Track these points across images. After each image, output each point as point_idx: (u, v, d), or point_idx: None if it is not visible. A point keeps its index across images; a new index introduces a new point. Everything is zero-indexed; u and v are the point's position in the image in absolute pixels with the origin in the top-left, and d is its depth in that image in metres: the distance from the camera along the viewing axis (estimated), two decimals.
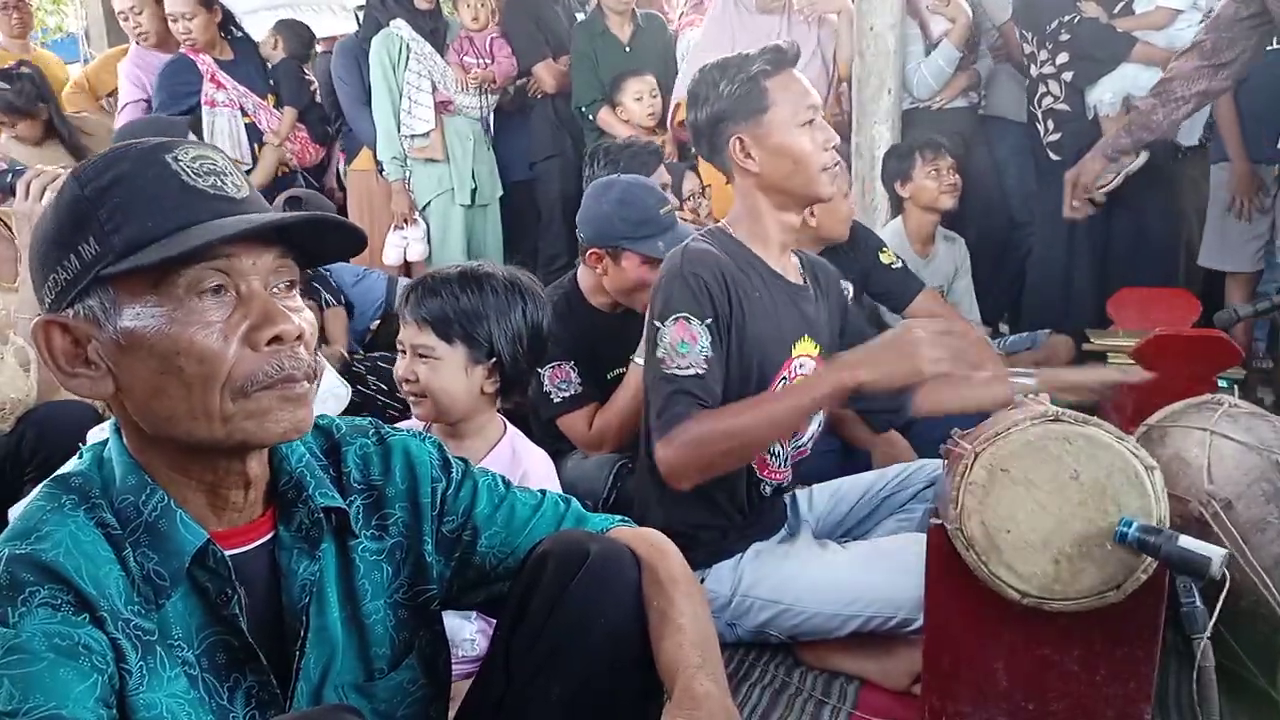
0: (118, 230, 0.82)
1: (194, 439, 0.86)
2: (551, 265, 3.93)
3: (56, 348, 0.86)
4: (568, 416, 2.23)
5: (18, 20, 4.22)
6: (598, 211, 2.19)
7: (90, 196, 0.84)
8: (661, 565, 1.04)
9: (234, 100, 3.63)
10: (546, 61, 3.86)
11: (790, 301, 1.80)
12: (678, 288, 1.66)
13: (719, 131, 1.74)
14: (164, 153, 0.86)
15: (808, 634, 1.77)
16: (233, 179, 0.88)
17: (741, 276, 1.71)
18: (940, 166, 3.10)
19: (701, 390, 1.62)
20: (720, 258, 1.70)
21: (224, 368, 0.84)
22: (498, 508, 1.10)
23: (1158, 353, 2.15)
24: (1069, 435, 1.33)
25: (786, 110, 1.71)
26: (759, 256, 1.78)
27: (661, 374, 1.64)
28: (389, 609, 1.04)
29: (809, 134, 1.71)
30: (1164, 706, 1.64)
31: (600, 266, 2.21)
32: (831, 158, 1.74)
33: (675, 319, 1.64)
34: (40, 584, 0.81)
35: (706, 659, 0.94)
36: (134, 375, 0.85)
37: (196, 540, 0.88)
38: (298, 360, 0.88)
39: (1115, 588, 1.31)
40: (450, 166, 3.81)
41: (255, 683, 0.93)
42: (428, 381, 1.65)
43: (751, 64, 1.72)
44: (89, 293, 0.84)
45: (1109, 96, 3.31)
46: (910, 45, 3.49)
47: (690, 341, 1.63)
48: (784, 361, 1.77)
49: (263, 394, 0.86)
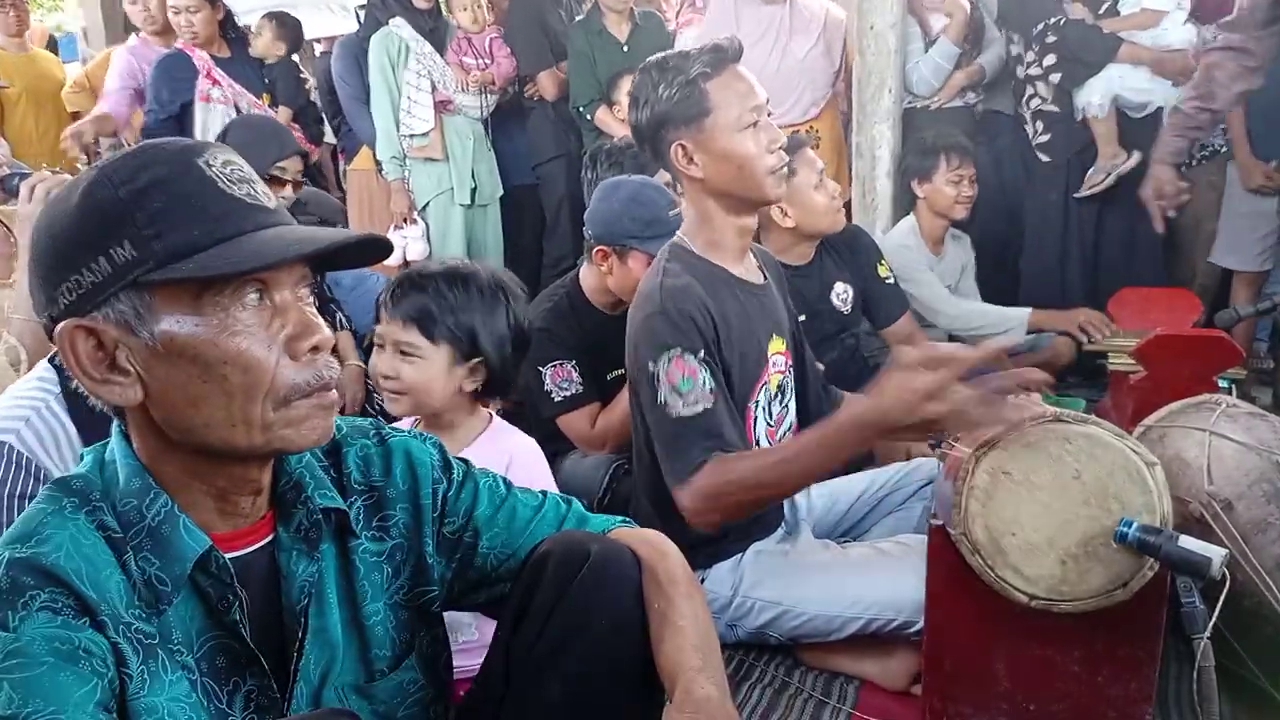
0: (159, 236, 0.81)
1: (228, 446, 0.86)
2: (557, 266, 3.92)
3: (82, 353, 0.84)
4: (568, 416, 2.23)
5: (15, 19, 4.22)
6: (608, 209, 2.19)
7: (125, 198, 0.82)
8: (662, 566, 1.04)
9: (229, 98, 3.62)
10: (550, 70, 3.86)
11: (759, 305, 1.78)
12: (663, 325, 1.61)
13: (660, 136, 1.69)
14: (195, 156, 0.85)
15: (808, 636, 1.77)
16: (260, 186, 0.88)
17: (717, 297, 1.68)
18: (964, 175, 3.01)
19: (714, 426, 1.57)
20: (694, 286, 1.65)
21: (268, 377, 0.85)
22: (499, 509, 1.10)
23: (1158, 353, 2.15)
24: (1069, 435, 1.33)
25: (729, 113, 1.64)
26: (722, 266, 1.74)
27: (668, 418, 1.58)
28: (389, 610, 1.03)
29: (753, 136, 1.65)
30: (1164, 707, 1.64)
31: (606, 264, 2.21)
32: (778, 159, 1.68)
33: (670, 358, 1.59)
34: (41, 587, 0.81)
35: (707, 661, 0.94)
36: (170, 383, 0.84)
37: (199, 546, 0.88)
38: (331, 369, 0.89)
39: (1122, 586, 1.31)
40: (450, 166, 3.80)
41: (255, 686, 0.93)
42: (410, 380, 1.63)
43: (690, 65, 1.65)
44: (119, 297, 0.82)
45: (1097, 99, 3.28)
46: (910, 43, 3.48)
47: (691, 377, 1.59)
48: (762, 369, 1.77)
49: (302, 402, 0.87)
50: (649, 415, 1.64)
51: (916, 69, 3.48)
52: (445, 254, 3.85)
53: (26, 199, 1.67)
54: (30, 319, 1.65)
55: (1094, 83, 3.26)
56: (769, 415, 1.81)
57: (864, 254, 2.74)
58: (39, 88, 4.29)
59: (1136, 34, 3.21)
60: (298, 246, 0.84)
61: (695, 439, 1.57)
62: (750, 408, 1.76)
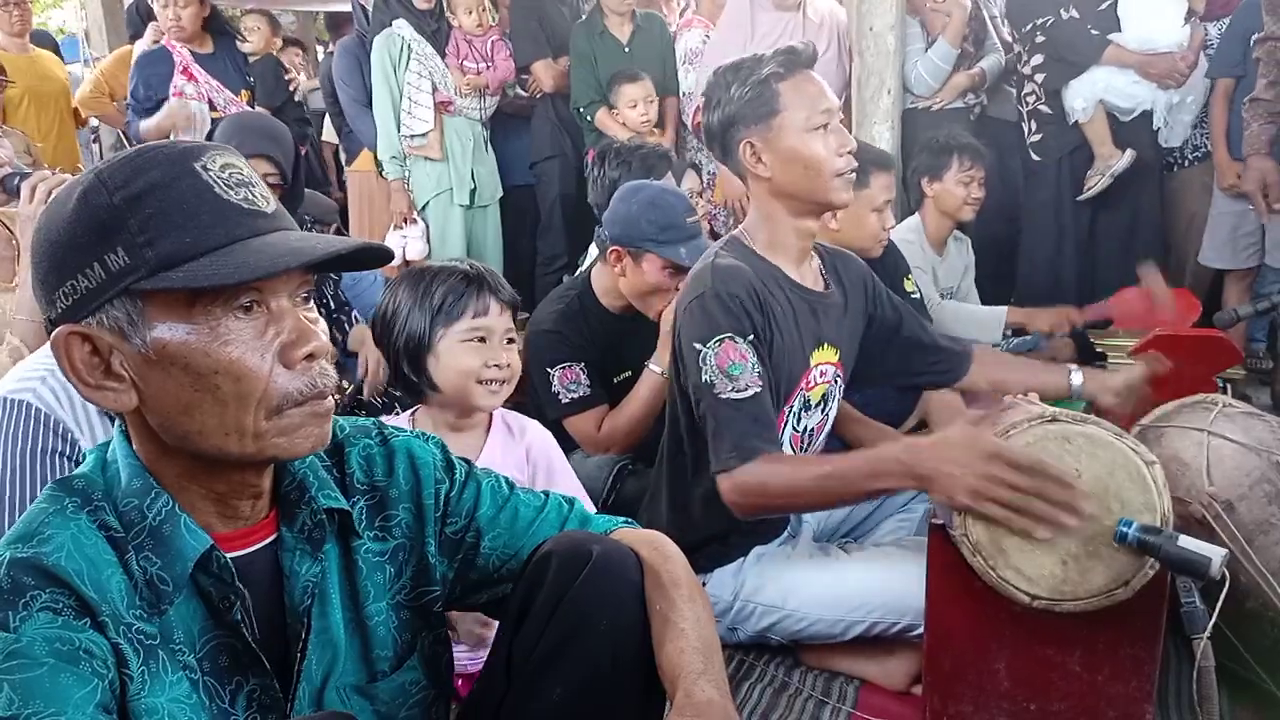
0: (151, 244, 0.80)
1: (221, 454, 0.86)
2: (551, 266, 3.93)
3: (77, 358, 0.84)
4: (575, 418, 2.24)
5: (18, 17, 4.22)
6: (626, 211, 2.20)
7: (119, 205, 0.81)
8: (664, 568, 1.04)
9: (202, 94, 3.62)
10: (545, 60, 3.86)
11: (810, 311, 1.76)
12: (716, 307, 1.61)
13: (730, 135, 1.71)
14: (193, 160, 0.83)
15: (810, 639, 1.77)
16: (260, 189, 0.87)
17: (765, 290, 1.68)
18: (975, 177, 2.99)
19: (762, 412, 1.58)
20: (748, 272, 1.67)
21: (261, 386, 0.84)
22: (501, 509, 1.10)
23: (1157, 353, 2.15)
24: (1068, 435, 1.33)
25: (799, 114, 1.66)
26: (778, 266, 1.74)
27: (717, 399, 1.58)
28: (391, 610, 1.03)
29: (822, 138, 1.66)
30: (1165, 707, 1.64)
31: (620, 266, 2.21)
32: (847, 163, 1.69)
33: (720, 340, 1.59)
34: (42, 588, 0.81)
35: (709, 665, 0.94)
36: (162, 390, 0.84)
37: (200, 546, 0.88)
38: (327, 377, 0.88)
39: (1124, 585, 1.31)
40: (449, 166, 3.80)
41: (257, 685, 0.93)
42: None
43: (764, 66, 1.67)
44: (113, 303, 0.82)
45: (1080, 103, 3.31)
46: (910, 44, 3.48)
47: (741, 361, 1.59)
48: (803, 373, 1.75)
49: (295, 411, 0.86)
50: (698, 394, 1.64)
51: (915, 69, 3.49)
52: (445, 254, 3.85)
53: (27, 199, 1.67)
54: (33, 320, 1.66)
55: (1078, 85, 3.28)
56: (797, 424, 1.80)
57: (893, 268, 2.73)
58: (41, 89, 4.29)
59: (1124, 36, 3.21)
60: (288, 259, 0.82)
61: (744, 425, 1.57)
62: (784, 412, 1.74)
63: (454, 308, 1.63)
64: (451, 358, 1.64)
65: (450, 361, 1.64)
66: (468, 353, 1.64)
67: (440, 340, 1.64)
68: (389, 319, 1.67)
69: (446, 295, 1.63)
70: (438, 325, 1.64)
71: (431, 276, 1.66)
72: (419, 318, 1.64)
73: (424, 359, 1.66)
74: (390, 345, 1.68)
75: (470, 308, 1.64)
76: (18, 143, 2.61)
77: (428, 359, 1.65)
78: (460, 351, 1.64)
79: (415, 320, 1.64)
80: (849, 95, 3.57)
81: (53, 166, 2.19)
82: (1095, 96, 3.26)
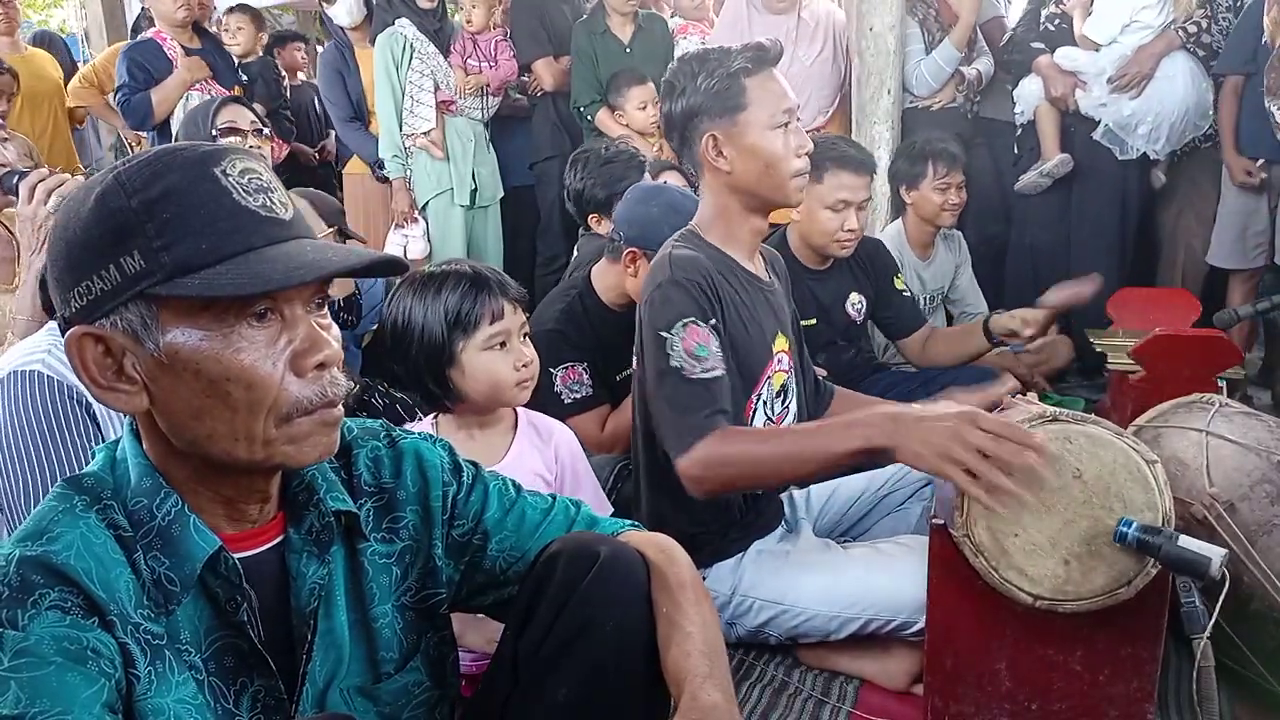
0: (168, 249, 0.80)
1: (230, 459, 0.86)
2: (550, 266, 3.93)
3: (90, 359, 0.84)
4: (578, 418, 2.24)
5: (4, 17, 4.21)
6: (645, 214, 2.20)
7: (137, 208, 0.81)
8: (671, 570, 1.04)
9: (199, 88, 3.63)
10: (547, 59, 3.86)
11: (765, 301, 1.80)
12: (677, 294, 1.64)
13: (692, 126, 1.71)
14: (212, 165, 0.83)
15: (806, 635, 1.77)
16: (279, 195, 0.87)
17: (723, 280, 1.71)
18: (951, 183, 2.99)
19: (722, 392, 1.60)
20: (705, 262, 1.69)
21: (271, 394, 0.84)
22: (508, 512, 1.10)
23: (1157, 353, 2.15)
24: (1068, 434, 1.33)
25: (763, 111, 1.67)
26: (733, 258, 1.77)
27: (683, 381, 1.60)
28: (397, 612, 1.04)
29: (783, 137, 1.68)
30: (1165, 706, 1.64)
31: (633, 267, 2.22)
32: (804, 164, 1.71)
33: (685, 324, 1.62)
34: (50, 586, 0.81)
35: (714, 668, 0.94)
36: (174, 394, 0.84)
37: (209, 547, 0.88)
38: (338, 386, 0.89)
39: (1126, 584, 1.31)
40: (450, 166, 3.80)
41: (262, 686, 0.93)
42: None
43: (732, 60, 1.68)
44: (127, 306, 0.82)
45: (1019, 106, 3.47)
46: (910, 45, 3.49)
47: (705, 343, 1.62)
48: (766, 362, 1.78)
49: (304, 419, 0.87)
50: (658, 382, 1.64)
51: (917, 69, 3.50)
52: (445, 254, 3.85)
53: (26, 199, 1.67)
54: (33, 320, 1.66)
55: (1022, 89, 3.46)
56: (770, 411, 1.82)
57: (882, 267, 2.74)
58: (34, 88, 4.26)
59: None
60: (303, 272, 0.82)
61: (703, 404, 1.59)
62: (752, 400, 1.77)
63: (470, 317, 1.60)
64: (478, 368, 1.62)
65: (478, 373, 1.62)
66: (494, 361, 1.62)
67: (462, 352, 1.61)
68: (401, 332, 1.64)
69: (460, 304, 1.60)
70: (456, 338, 1.61)
71: (439, 284, 1.62)
72: (435, 330, 1.61)
73: (447, 372, 1.63)
74: (409, 360, 1.64)
75: (486, 314, 1.61)
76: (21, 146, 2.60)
77: (450, 372, 1.63)
78: (486, 361, 1.62)
79: (431, 333, 1.61)
80: (849, 95, 3.58)
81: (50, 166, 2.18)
82: (1033, 100, 3.41)
